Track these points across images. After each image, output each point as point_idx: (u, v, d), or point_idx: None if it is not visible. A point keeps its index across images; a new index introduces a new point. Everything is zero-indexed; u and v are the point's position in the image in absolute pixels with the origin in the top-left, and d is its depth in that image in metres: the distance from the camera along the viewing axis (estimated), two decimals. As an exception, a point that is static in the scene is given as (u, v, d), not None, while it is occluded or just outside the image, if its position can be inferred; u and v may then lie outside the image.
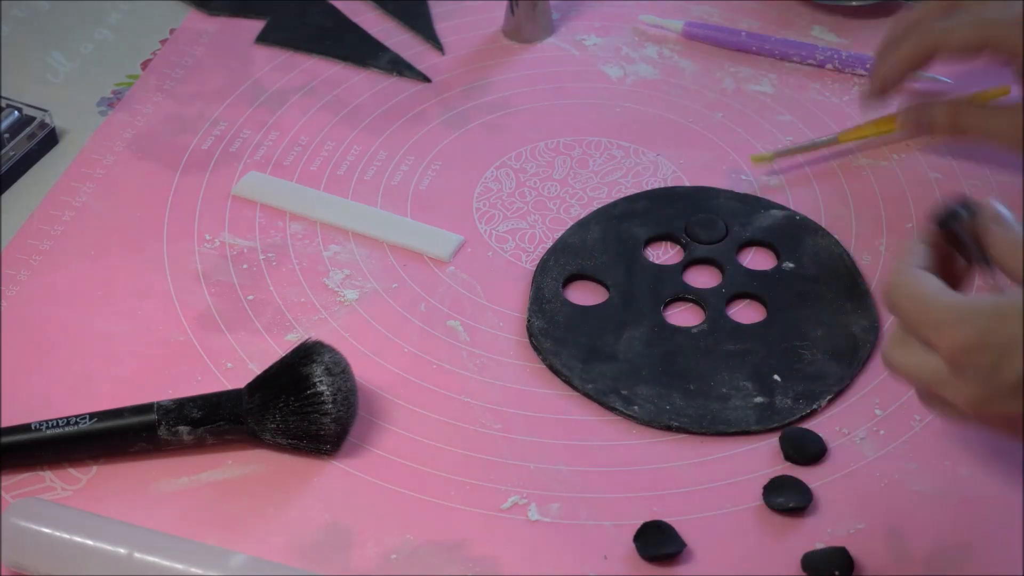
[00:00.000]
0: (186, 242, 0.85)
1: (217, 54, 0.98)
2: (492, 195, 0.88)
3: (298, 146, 0.91)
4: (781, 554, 0.69)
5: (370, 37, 0.99)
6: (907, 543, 0.69)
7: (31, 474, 0.73)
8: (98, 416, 0.72)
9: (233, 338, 0.79)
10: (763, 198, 0.87)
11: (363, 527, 0.70)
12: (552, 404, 0.76)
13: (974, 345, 0.62)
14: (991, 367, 0.62)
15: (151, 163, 0.90)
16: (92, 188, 0.88)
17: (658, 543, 0.69)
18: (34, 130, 0.90)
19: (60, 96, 0.95)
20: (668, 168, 0.90)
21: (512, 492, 0.72)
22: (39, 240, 0.85)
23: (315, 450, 0.73)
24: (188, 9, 1.02)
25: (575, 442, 0.74)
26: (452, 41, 0.99)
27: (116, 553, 0.66)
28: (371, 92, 0.95)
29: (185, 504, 0.71)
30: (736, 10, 1.01)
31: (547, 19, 0.99)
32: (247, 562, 0.66)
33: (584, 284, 0.83)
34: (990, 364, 0.62)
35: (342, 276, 0.83)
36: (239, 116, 0.93)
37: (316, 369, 0.72)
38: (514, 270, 0.84)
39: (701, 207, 0.86)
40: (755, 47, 0.97)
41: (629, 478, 0.73)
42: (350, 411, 0.73)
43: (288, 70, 0.97)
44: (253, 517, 0.71)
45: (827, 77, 0.96)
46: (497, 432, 0.75)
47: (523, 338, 0.79)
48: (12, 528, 0.67)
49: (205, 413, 0.72)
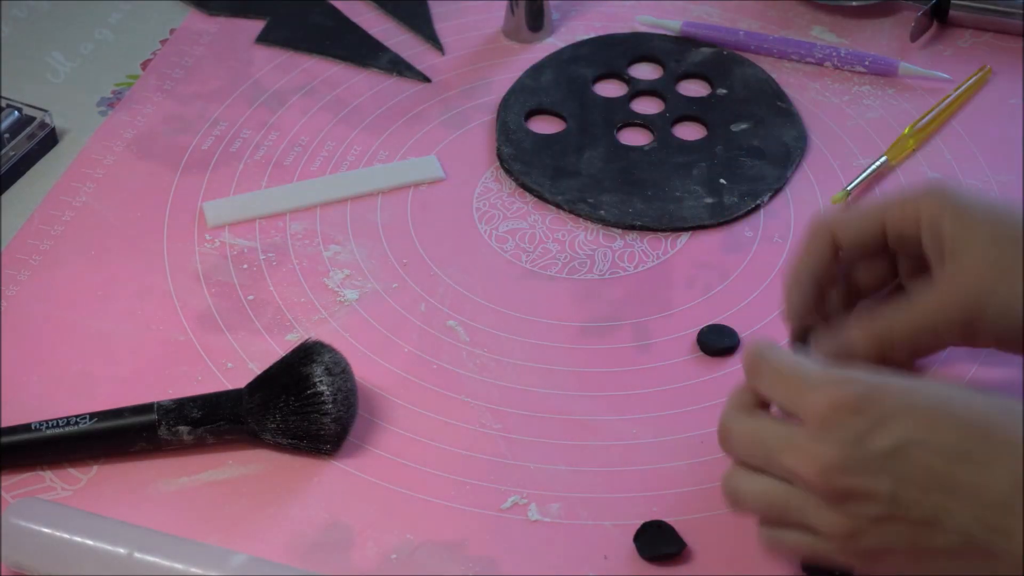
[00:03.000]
0: (186, 242, 0.85)
1: (217, 54, 0.98)
2: (492, 195, 0.88)
3: (298, 146, 0.91)
4: (781, 554, 0.69)
5: (370, 37, 0.99)
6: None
7: (31, 474, 0.73)
8: (98, 416, 0.73)
9: (233, 338, 0.79)
10: (693, 38, 0.98)
11: (363, 527, 0.70)
12: (552, 404, 0.76)
13: (851, 406, 0.60)
14: (862, 431, 0.59)
15: (151, 163, 0.90)
16: (92, 188, 0.88)
17: (658, 543, 0.69)
18: (34, 130, 0.90)
19: (60, 96, 0.95)
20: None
21: (512, 492, 0.72)
22: (39, 240, 0.85)
23: (315, 450, 0.73)
24: (188, 9, 1.02)
25: (575, 442, 0.74)
26: (452, 41, 0.99)
27: (116, 553, 0.66)
28: (371, 92, 0.95)
29: (185, 504, 0.71)
30: (736, 10, 1.01)
31: (547, 19, 0.99)
32: (247, 562, 0.66)
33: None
34: (862, 428, 0.59)
35: (342, 276, 0.83)
36: (239, 116, 0.93)
37: (316, 369, 0.72)
38: (514, 270, 0.84)
39: (639, 48, 0.97)
40: (753, 46, 0.97)
41: (629, 478, 0.73)
42: (350, 411, 0.73)
43: (288, 70, 0.97)
44: (253, 517, 0.71)
45: (826, 76, 0.96)
46: (497, 432, 0.75)
47: (523, 338, 0.80)
48: (12, 528, 0.67)
49: (205, 413, 0.72)
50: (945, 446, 0.59)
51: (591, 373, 0.78)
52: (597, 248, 0.85)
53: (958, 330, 0.67)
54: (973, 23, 0.99)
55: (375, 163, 0.90)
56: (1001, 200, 0.70)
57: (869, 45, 0.98)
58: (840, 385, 0.61)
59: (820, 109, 0.94)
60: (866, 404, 0.60)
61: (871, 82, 0.95)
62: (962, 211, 0.67)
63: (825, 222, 0.70)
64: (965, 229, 0.67)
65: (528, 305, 0.82)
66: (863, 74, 0.96)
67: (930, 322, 0.67)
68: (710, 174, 0.89)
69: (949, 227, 0.67)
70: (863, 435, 0.59)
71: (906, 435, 0.59)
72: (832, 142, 0.91)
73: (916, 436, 0.60)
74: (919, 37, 0.98)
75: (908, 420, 0.60)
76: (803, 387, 0.62)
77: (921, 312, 0.67)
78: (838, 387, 0.60)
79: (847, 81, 0.96)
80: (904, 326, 0.68)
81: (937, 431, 0.60)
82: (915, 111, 0.93)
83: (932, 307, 0.67)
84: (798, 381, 0.62)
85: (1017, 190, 0.87)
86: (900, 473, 0.59)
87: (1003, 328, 0.66)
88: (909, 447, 0.59)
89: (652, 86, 0.95)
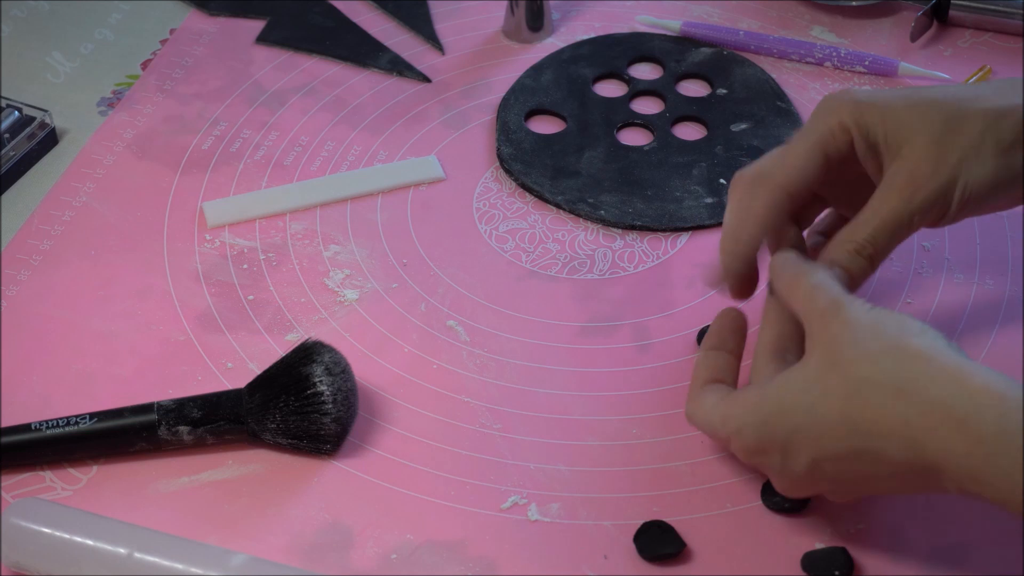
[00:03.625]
0: (186, 242, 0.85)
1: (217, 54, 0.98)
2: (492, 195, 0.88)
3: (298, 146, 0.91)
4: (781, 554, 0.69)
5: (370, 37, 0.99)
6: (907, 543, 0.69)
7: (31, 474, 0.73)
8: (98, 416, 0.73)
9: (233, 338, 0.79)
10: (693, 38, 0.98)
11: (363, 527, 0.70)
12: (552, 404, 0.76)
13: (756, 449, 0.66)
14: (780, 465, 0.66)
15: (151, 163, 0.90)
16: (92, 188, 0.88)
17: (658, 543, 0.69)
18: (34, 130, 0.90)
19: (60, 96, 0.95)
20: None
21: (512, 492, 0.72)
22: (39, 240, 0.85)
23: (315, 450, 0.73)
24: (188, 9, 1.02)
25: (575, 442, 0.74)
26: (452, 41, 0.99)
27: (116, 553, 0.66)
28: (371, 92, 0.95)
29: (185, 504, 0.71)
30: (736, 10, 1.01)
31: (547, 19, 0.99)
32: (247, 562, 0.66)
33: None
34: (778, 463, 0.66)
35: (342, 276, 0.83)
36: (239, 116, 0.93)
37: (316, 369, 0.72)
38: (514, 270, 0.84)
39: (639, 48, 0.97)
40: (753, 46, 0.97)
41: (629, 478, 0.73)
42: (350, 411, 0.73)
43: (288, 70, 0.97)
44: (253, 517, 0.71)
45: (826, 76, 0.96)
46: (497, 432, 0.75)
47: (523, 338, 0.80)
48: (12, 528, 0.67)
49: (205, 413, 0.72)
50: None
51: (591, 373, 0.78)
52: (597, 248, 0.85)
53: (933, 213, 0.70)
54: (973, 23, 0.99)
55: (375, 163, 0.90)
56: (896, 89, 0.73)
57: (869, 45, 0.98)
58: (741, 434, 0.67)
59: (820, 109, 0.94)
60: (768, 441, 0.66)
61: (871, 82, 0.95)
62: (884, 101, 0.70)
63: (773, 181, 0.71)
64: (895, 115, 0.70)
65: (528, 305, 0.82)
66: (863, 74, 0.96)
67: (904, 215, 0.70)
68: (710, 174, 0.89)
69: (880, 128, 0.70)
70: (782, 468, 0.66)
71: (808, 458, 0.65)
72: (832, 142, 0.91)
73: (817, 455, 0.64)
74: (919, 37, 0.98)
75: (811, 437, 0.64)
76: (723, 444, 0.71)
77: (891, 211, 0.70)
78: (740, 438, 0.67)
79: (847, 81, 0.96)
80: (882, 231, 0.70)
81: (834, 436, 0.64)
82: (915, 111, 0.93)
83: (900, 203, 0.70)
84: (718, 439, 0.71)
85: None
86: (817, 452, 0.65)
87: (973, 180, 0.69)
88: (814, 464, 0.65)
89: (652, 86, 0.95)
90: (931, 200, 0.69)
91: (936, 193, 0.69)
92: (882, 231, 0.70)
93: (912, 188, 0.69)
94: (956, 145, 0.69)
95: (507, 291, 0.82)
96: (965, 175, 0.69)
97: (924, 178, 0.69)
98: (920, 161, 0.69)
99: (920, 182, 0.69)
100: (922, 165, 0.69)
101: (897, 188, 0.69)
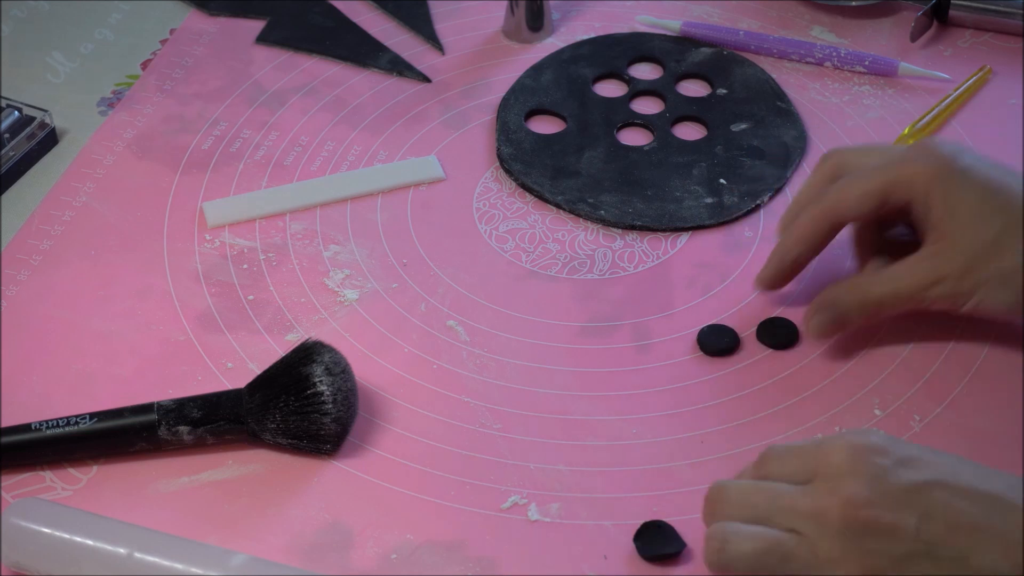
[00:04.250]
0: (186, 242, 0.85)
1: (217, 54, 0.98)
2: (492, 195, 0.88)
3: (298, 146, 0.91)
4: None
5: (370, 37, 0.99)
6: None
7: (31, 474, 0.73)
8: (98, 416, 0.73)
9: (233, 338, 0.79)
10: (693, 38, 0.98)
11: (363, 527, 0.70)
12: (552, 404, 0.76)
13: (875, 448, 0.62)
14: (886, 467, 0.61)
15: (151, 163, 0.90)
16: (92, 188, 0.88)
17: (658, 543, 0.69)
18: (34, 130, 0.90)
19: (60, 96, 0.95)
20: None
21: (512, 492, 0.72)
22: (39, 240, 0.85)
23: (315, 450, 0.73)
24: (188, 9, 1.02)
25: (575, 442, 0.74)
26: (452, 41, 0.99)
27: (116, 553, 0.66)
28: (371, 92, 0.95)
29: (185, 504, 0.71)
30: (736, 10, 1.01)
31: (547, 19, 0.99)
32: (247, 562, 0.66)
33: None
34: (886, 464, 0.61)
35: (342, 276, 0.83)
36: (239, 116, 0.93)
37: (316, 369, 0.72)
38: (514, 270, 0.84)
39: (639, 48, 0.97)
40: (753, 46, 0.97)
41: (629, 478, 0.73)
42: (350, 411, 0.73)
43: (288, 70, 0.97)
44: (253, 517, 0.71)
45: (826, 76, 0.96)
46: (497, 432, 0.75)
47: (523, 338, 0.80)
48: (12, 528, 0.67)
49: (205, 413, 0.72)
50: (967, 488, 0.60)
51: (591, 373, 0.78)
52: (597, 248, 0.85)
53: (946, 302, 0.73)
54: (973, 23, 0.99)
55: (375, 163, 0.90)
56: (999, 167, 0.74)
57: (869, 45, 0.98)
58: (861, 435, 0.62)
59: (820, 109, 0.94)
60: (890, 446, 0.62)
61: (871, 82, 0.95)
62: (953, 184, 0.72)
63: (826, 206, 0.75)
64: (953, 204, 0.72)
65: (528, 305, 0.82)
66: (863, 74, 0.96)
67: (921, 299, 0.73)
68: (710, 174, 0.89)
69: (939, 203, 0.72)
70: (887, 471, 0.60)
71: (929, 474, 0.61)
72: (832, 142, 0.91)
73: (938, 477, 0.61)
74: (919, 37, 0.98)
75: (929, 463, 0.61)
76: (821, 446, 0.63)
77: (908, 287, 0.73)
78: (859, 436, 0.62)
79: (847, 81, 0.96)
80: (894, 299, 0.75)
81: (958, 475, 0.61)
82: (915, 111, 0.93)
83: (921, 286, 0.73)
84: (813, 446, 0.64)
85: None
86: (925, 509, 0.60)
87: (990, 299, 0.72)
88: (932, 486, 0.60)
89: (652, 86, 0.95)
90: (947, 296, 0.73)
91: (956, 292, 0.72)
92: (894, 299, 0.74)
93: (935, 278, 0.73)
94: (992, 266, 0.71)
95: (507, 291, 0.82)
96: (982, 295, 0.72)
97: (952, 278, 0.72)
98: (956, 254, 0.72)
99: (944, 274, 0.72)
100: (956, 258, 0.72)
101: (922, 272, 0.73)
